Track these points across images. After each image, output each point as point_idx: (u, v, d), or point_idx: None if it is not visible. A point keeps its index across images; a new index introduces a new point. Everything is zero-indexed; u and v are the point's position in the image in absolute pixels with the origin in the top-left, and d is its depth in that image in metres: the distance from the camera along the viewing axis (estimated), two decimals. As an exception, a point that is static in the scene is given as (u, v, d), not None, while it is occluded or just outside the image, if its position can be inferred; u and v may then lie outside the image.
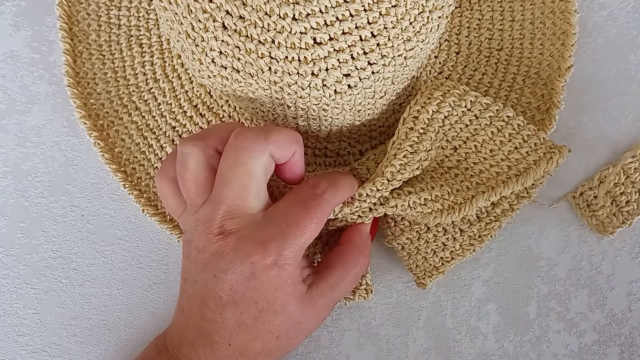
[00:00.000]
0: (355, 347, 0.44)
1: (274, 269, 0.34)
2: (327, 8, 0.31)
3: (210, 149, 0.36)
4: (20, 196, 0.47)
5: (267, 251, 0.34)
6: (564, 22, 0.46)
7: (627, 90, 0.47)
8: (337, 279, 0.38)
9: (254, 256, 0.34)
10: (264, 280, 0.34)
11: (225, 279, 0.34)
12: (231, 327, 0.35)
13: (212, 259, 0.35)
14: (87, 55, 0.48)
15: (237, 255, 0.34)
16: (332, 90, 0.35)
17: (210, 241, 0.34)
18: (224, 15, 0.32)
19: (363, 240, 0.40)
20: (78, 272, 0.46)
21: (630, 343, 0.43)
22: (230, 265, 0.34)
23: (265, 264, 0.34)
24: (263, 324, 0.35)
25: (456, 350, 0.44)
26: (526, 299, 0.44)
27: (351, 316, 0.44)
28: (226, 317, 0.35)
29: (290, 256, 0.35)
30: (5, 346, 0.45)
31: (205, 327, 0.36)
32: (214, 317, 0.35)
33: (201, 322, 0.36)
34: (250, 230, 0.34)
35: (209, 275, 0.35)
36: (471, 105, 0.40)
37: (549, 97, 0.45)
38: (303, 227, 0.35)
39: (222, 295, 0.35)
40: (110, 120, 0.47)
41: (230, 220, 0.34)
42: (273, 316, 0.35)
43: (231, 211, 0.35)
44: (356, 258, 0.39)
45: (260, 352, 0.36)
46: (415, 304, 0.44)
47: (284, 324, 0.36)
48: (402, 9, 0.33)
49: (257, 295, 0.34)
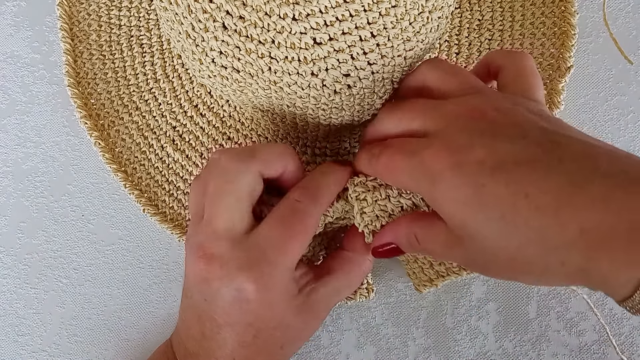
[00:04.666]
0: (355, 347, 0.44)
1: (262, 292, 0.33)
2: (327, 8, 0.31)
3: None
4: (21, 196, 0.47)
5: (251, 277, 0.33)
6: (564, 23, 0.46)
7: (627, 91, 0.47)
8: (338, 287, 0.37)
9: (239, 283, 0.33)
10: (254, 303, 0.33)
11: (215, 304, 0.34)
12: (231, 346, 0.35)
13: (201, 283, 0.34)
14: (88, 55, 0.48)
15: (223, 282, 0.33)
16: (331, 90, 0.35)
17: (198, 266, 0.34)
18: (224, 16, 0.32)
19: (367, 247, 0.37)
20: (78, 272, 0.46)
21: (630, 343, 0.43)
22: (217, 292, 0.34)
23: (252, 289, 0.33)
24: (264, 340, 0.35)
25: (456, 350, 0.44)
26: (526, 299, 0.44)
27: (351, 316, 0.45)
28: (225, 336, 0.35)
29: (277, 277, 0.34)
30: (5, 346, 0.45)
31: (206, 344, 0.35)
32: (213, 336, 0.35)
33: (201, 338, 0.36)
34: (234, 256, 0.33)
35: (200, 298, 0.35)
36: None
37: (549, 98, 0.45)
38: (286, 248, 0.34)
39: (217, 318, 0.34)
40: (111, 120, 0.47)
41: (214, 243, 0.34)
42: (272, 331, 0.35)
43: (215, 234, 0.34)
44: (358, 265, 0.38)
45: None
46: (415, 304, 0.44)
47: (285, 335, 0.36)
48: (402, 9, 0.33)
49: (251, 317, 0.34)
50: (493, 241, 0.28)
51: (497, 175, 0.28)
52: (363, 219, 0.36)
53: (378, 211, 0.35)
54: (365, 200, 0.35)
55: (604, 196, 0.26)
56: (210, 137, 0.46)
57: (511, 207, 0.27)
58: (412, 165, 0.31)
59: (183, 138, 0.46)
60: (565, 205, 0.26)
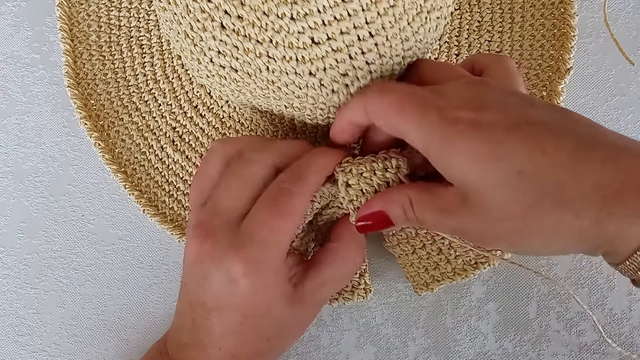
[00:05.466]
0: (355, 347, 0.44)
1: (250, 274, 0.33)
2: (325, 8, 0.32)
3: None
4: (21, 196, 0.47)
5: (239, 257, 0.33)
6: (564, 24, 0.46)
7: (627, 91, 0.47)
8: (324, 278, 0.36)
9: (228, 262, 0.33)
10: (242, 286, 0.33)
11: (206, 286, 0.34)
12: (219, 333, 0.35)
13: (194, 264, 0.34)
14: (88, 56, 0.48)
15: (214, 262, 0.33)
16: (329, 89, 0.35)
17: (193, 247, 0.34)
18: (222, 15, 0.32)
19: (353, 237, 0.37)
20: (78, 272, 0.46)
21: (630, 343, 0.43)
22: (208, 271, 0.34)
23: (241, 270, 0.33)
24: (250, 328, 0.35)
25: (456, 350, 0.44)
26: (526, 299, 0.44)
27: (351, 316, 0.44)
28: (212, 322, 0.35)
29: (266, 260, 0.33)
30: (5, 346, 0.45)
31: (196, 332, 0.36)
32: (202, 323, 0.35)
33: (192, 326, 0.36)
34: (226, 236, 0.33)
35: (194, 281, 0.35)
36: None
37: (549, 99, 0.45)
38: (273, 227, 0.33)
39: (206, 302, 0.34)
40: (111, 121, 0.47)
41: (212, 219, 0.34)
42: (259, 320, 0.35)
43: (216, 211, 0.34)
44: (344, 256, 0.37)
45: (253, 354, 0.36)
46: (415, 304, 0.44)
47: (272, 326, 0.35)
48: (400, 9, 0.33)
49: (238, 302, 0.34)
50: (506, 199, 0.28)
51: (514, 133, 0.28)
52: (348, 192, 0.35)
53: (363, 184, 0.35)
54: (351, 173, 0.35)
55: (613, 156, 0.27)
56: (210, 138, 0.46)
57: (530, 162, 0.28)
58: (425, 114, 0.30)
59: (183, 139, 0.47)
60: (580, 162, 0.27)
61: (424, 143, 0.31)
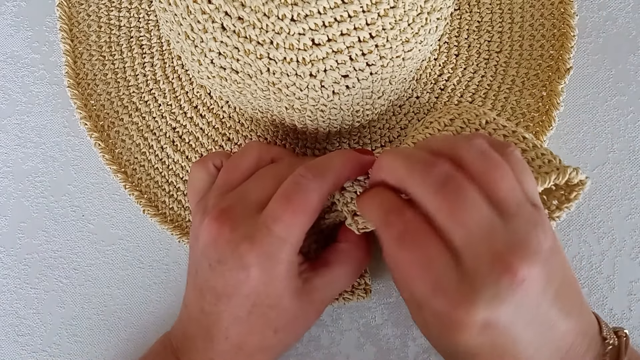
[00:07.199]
0: (355, 347, 0.44)
1: (263, 264, 0.34)
2: (326, 9, 0.32)
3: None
4: (21, 196, 0.47)
5: (254, 247, 0.33)
6: (563, 25, 0.46)
7: (626, 91, 0.47)
8: (333, 277, 0.37)
9: (243, 250, 0.33)
10: (254, 274, 0.34)
11: (218, 270, 0.34)
12: (226, 320, 0.35)
13: (209, 245, 0.35)
14: (88, 56, 0.48)
15: (229, 246, 0.34)
16: (330, 91, 0.35)
17: (211, 227, 0.34)
18: (223, 17, 0.32)
19: (361, 237, 0.38)
20: (78, 272, 0.46)
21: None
22: (223, 255, 0.34)
23: (254, 260, 0.33)
24: (257, 317, 0.35)
25: (455, 351, 0.44)
26: (525, 300, 0.44)
27: (351, 316, 0.44)
28: (221, 309, 0.35)
29: (280, 254, 0.34)
30: (5, 346, 0.45)
31: (204, 320, 0.36)
32: (210, 310, 0.35)
33: (200, 315, 0.36)
34: (245, 223, 0.34)
35: (206, 264, 0.35)
36: (485, 124, 0.37)
37: (549, 99, 0.45)
38: (286, 221, 0.34)
39: (216, 287, 0.35)
40: (111, 121, 0.47)
41: (236, 206, 0.35)
42: (267, 310, 0.35)
43: (243, 198, 0.35)
44: (354, 256, 0.38)
45: (259, 347, 0.36)
46: (414, 304, 0.44)
47: (280, 318, 0.36)
48: (401, 11, 0.33)
49: (249, 289, 0.34)
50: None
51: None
52: (343, 195, 0.36)
53: (357, 186, 0.35)
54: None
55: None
56: (210, 139, 0.46)
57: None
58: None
59: (183, 139, 0.47)
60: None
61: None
